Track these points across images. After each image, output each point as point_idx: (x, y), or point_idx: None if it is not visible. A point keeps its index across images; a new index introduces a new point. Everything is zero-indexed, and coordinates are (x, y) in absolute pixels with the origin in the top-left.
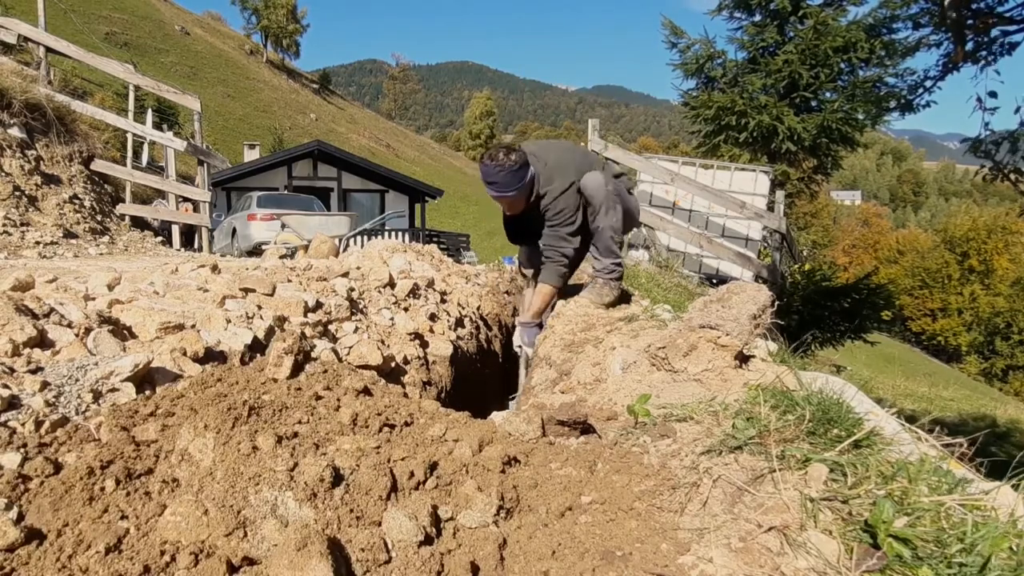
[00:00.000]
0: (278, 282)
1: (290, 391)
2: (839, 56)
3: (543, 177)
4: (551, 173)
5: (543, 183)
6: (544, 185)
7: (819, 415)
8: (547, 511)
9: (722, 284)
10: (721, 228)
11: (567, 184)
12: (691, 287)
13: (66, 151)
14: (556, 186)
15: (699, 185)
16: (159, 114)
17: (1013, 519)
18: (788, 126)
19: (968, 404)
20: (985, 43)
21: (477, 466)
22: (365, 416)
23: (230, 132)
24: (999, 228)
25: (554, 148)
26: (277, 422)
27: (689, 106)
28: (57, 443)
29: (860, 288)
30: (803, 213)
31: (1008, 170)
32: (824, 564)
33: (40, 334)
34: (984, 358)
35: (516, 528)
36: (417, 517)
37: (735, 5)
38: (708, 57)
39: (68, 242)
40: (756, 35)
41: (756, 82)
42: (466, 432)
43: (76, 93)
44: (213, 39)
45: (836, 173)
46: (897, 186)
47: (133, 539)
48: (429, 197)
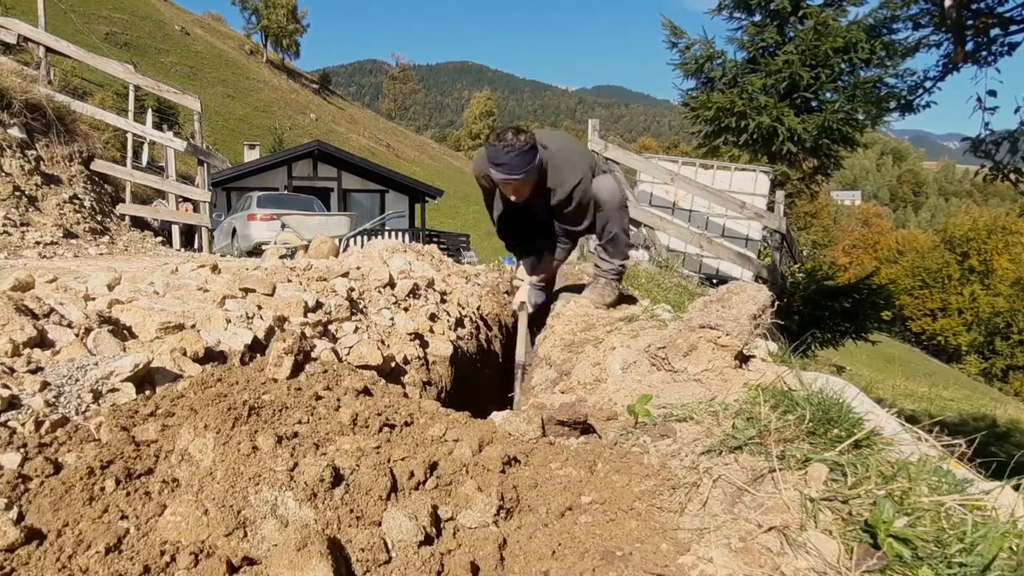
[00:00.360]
0: (278, 282)
1: (290, 391)
2: (839, 57)
3: (550, 168)
4: (559, 164)
5: (551, 176)
6: (553, 177)
7: (819, 415)
8: (547, 511)
9: (722, 284)
10: (721, 228)
11: (578, 178)
12: (691, 287)
13: (66, 151)
14: (568, 179)
15: (699, 185)
16: (159, 114)
17: (1013, 519)
18: (788, 127)
19: (968, 404)
20: (985, 43)
21: (477, 466)
22: (365, 416)
23: (230, 132)
24: (999, 228)
25: (558, 138)
26: (277, 422)
27: (689, 106)
28: (57, 443)
29: (860, 288)
30: (803, 213)
31: (1008, 170)
32: (824, 564)
33: (40, 334)
34: (984, 358)
35: (516, 528)
36: (417, 517)
37: (735, 5)
38: (708, 57)
39: (68, 242)
40: (756, 35)
41: (756, 82)
42: (466, 432)
43: (76, 93)
44: (213, 39)
45: (836, 173)
46: (897, 186)
47: (133, 539)
48: (429, 197)
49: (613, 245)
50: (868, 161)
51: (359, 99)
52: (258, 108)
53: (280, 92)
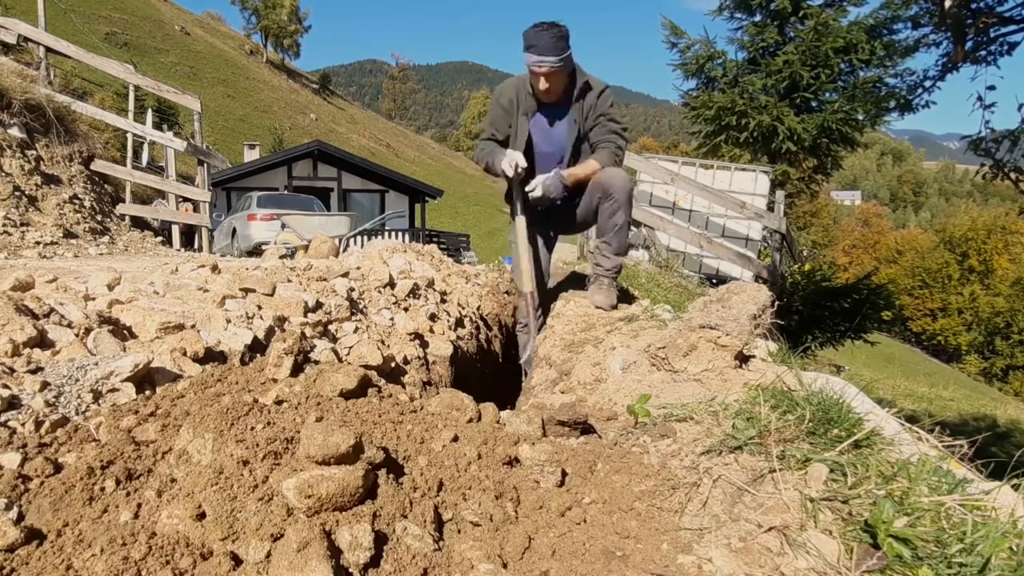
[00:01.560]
0: (278, 282)
1: (291, 390)
2: (840, 57)
3: (578, 73)
4: (589, 78)
5: (579, 77)
6: (580, 78)
7: (819, 415)
8: (547, 511)
9: (722, 284)
10: (721, 228)
11: (605, 85)
12: (691, 287)
13: (66, 151)
14: (596, 83)
15: (699, 185)
16: (159, 114)
17: (1013, 519)
18: (788, 126)
19: (968, 404)
20: (985, 43)
21: (478, 466)
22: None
23: (230, 132)
24: (999, 228)
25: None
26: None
27: (689, 106)
28: (57, 443)
29: (860, 288)
30: (803, 213)
31: (1008, 168)
32: (824, 564)
33: (40, 334)
34: (984, 358)
35: (516, 527)
36: (419, 517)
37: (735, 5)
38: (708, 57)
39: (68, 242)
40: (756, 35)
41: (756, 82)
42: (467, 432)
43: (76, 93)
44: (213, 39)
45: (836, 173)
46: (897, 186)
47: (132, 539)
48: (429, 197)
49: (618, 238)
50: (868, 161)
51: (359, 99)
52: (258, 108)
53: (280, 92)
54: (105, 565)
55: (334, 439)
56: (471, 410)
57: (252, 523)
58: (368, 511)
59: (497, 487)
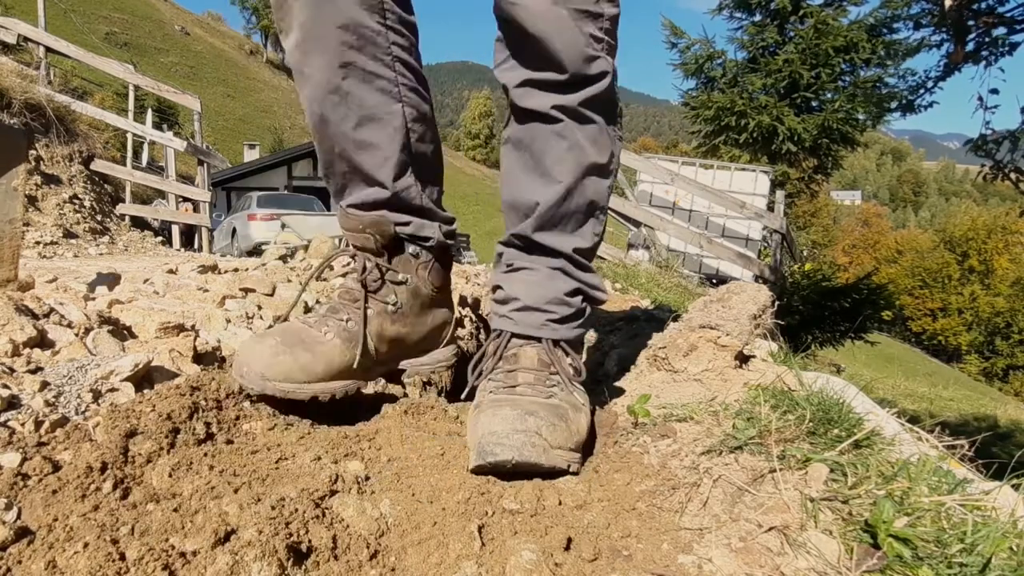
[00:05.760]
0: (278, 282)
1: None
2: (840, 56)
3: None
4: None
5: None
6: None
7: (819, 415)
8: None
9: (722, 284)
10: (721, 228)
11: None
12: (691, 287)
13: (66, 151)
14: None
15: (699, 185)
16: (159, 114)
17: (1014, 519)
18: (788, 126)
19: (968, 404)
20: (986, 43)
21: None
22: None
23: (230, 132)
24: (999, 228)
25: None
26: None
27: (689, 106)
28: (56, 443)
29: (860, 288)
30: (803, 213)
31: (1008, 169)
32: (824, 564)
33: (40, 334)
34: (984, 358)
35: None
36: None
37: (735, 5)
38: (708, 57)
39: (68, 242)
40: (756, 35)
41: (756, 82)
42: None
43: (76, 93)
44: (213, 39)
45: (836, 173)
46: (897, 186)
47: (130, 539)
48: None
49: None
50: (868, 161)
51: None
52: (258, 108)
53: (280, 92)
54: (94, 563)
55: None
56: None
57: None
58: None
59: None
